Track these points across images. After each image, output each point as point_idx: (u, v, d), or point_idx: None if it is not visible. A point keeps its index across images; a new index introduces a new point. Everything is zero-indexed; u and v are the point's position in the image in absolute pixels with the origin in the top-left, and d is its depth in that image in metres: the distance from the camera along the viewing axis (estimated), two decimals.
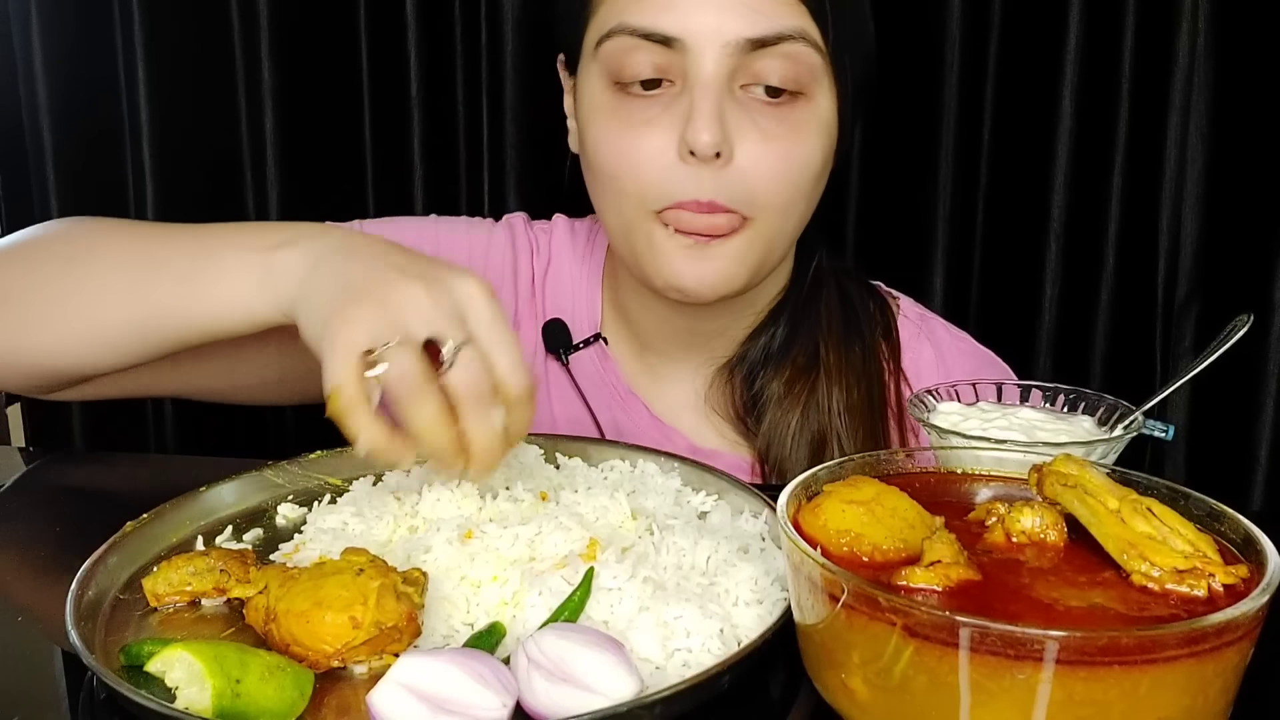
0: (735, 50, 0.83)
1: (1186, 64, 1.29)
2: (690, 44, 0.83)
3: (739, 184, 0.86)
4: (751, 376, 1.00)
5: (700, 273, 0.89)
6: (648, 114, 0.86)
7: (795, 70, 0.85)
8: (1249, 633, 0.46)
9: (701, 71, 0.83)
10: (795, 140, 0.87)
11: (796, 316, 1.01)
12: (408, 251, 0.73)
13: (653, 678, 0.58)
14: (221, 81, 1.49)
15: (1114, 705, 0.44)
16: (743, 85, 0.85)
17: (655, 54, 0.84)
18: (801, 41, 0.84)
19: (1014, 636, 0.44)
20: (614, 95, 0.88)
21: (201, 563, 0.66)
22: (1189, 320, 1.35)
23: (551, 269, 1.08)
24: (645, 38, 0.84)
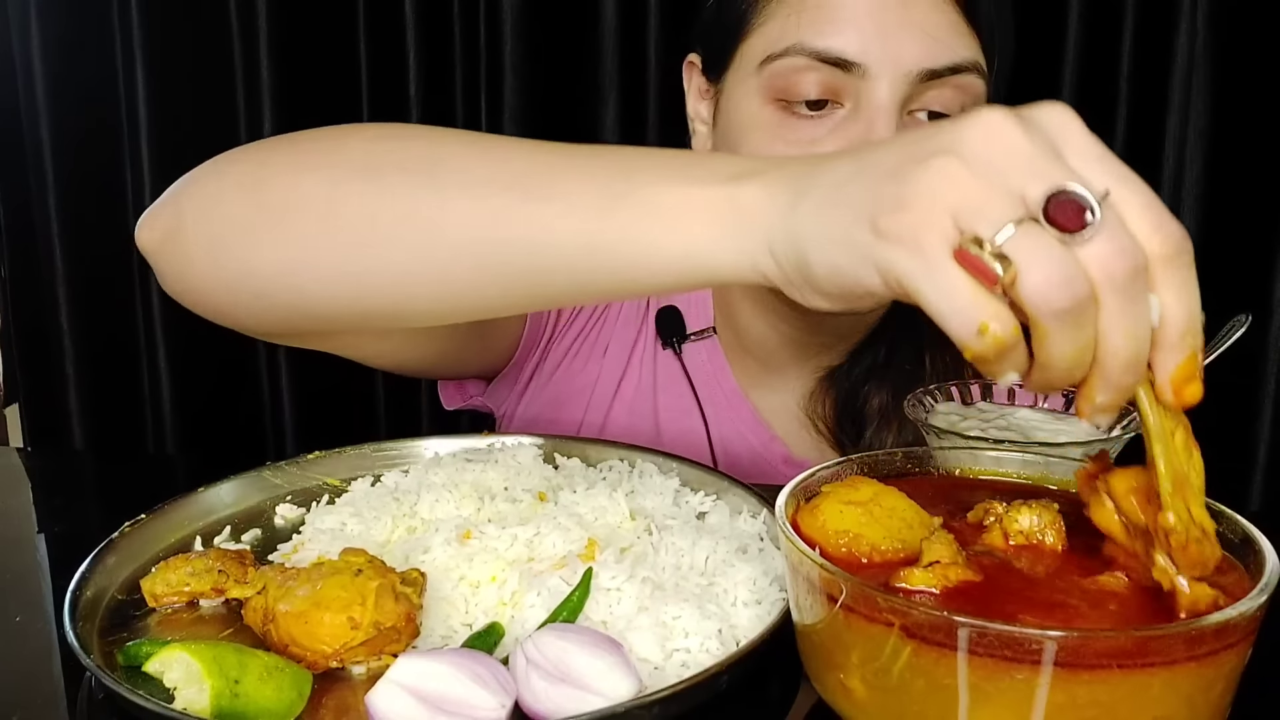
0: (913, 79, 0.82)
1: (1185, 64, 1.29)
2: (870, 69, 0.81)
3: None
4: (854, 391, 0.99)
5: None
6: (814, 134, 0.85)
7: (962, 100, 0.84)
8: (1247, 633, 0.46)
9: (878, 98, 0.82)
10: None
11: (902, 330, 0.99)
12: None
13: (651, 678, 0.58)
14: (220, 81, 1.49)
15: (1113, 705, 0.44)
16: (909, 110, 0.84)
17: (827, 75, 0.82)
18: (973, 73, 0.83)
19: (1011, 637, 0.44)
20: (776, 112, 0.85)
21: (200, 563, 0.66)
22: None
23: None
24: (822, 60, 0.82)
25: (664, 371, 1.02)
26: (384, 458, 0.86)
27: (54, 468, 1.05)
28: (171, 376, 1.57)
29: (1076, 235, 0.42)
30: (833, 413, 1.00)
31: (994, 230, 0.42)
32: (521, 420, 1.07)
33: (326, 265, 0.64)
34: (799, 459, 1.01)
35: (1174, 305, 0.44)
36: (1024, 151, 0.44)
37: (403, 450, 0.87)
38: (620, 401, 1.03)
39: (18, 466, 1.03)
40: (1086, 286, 0.43)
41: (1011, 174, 0.43)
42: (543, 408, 1.05)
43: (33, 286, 1.59)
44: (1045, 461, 0.63)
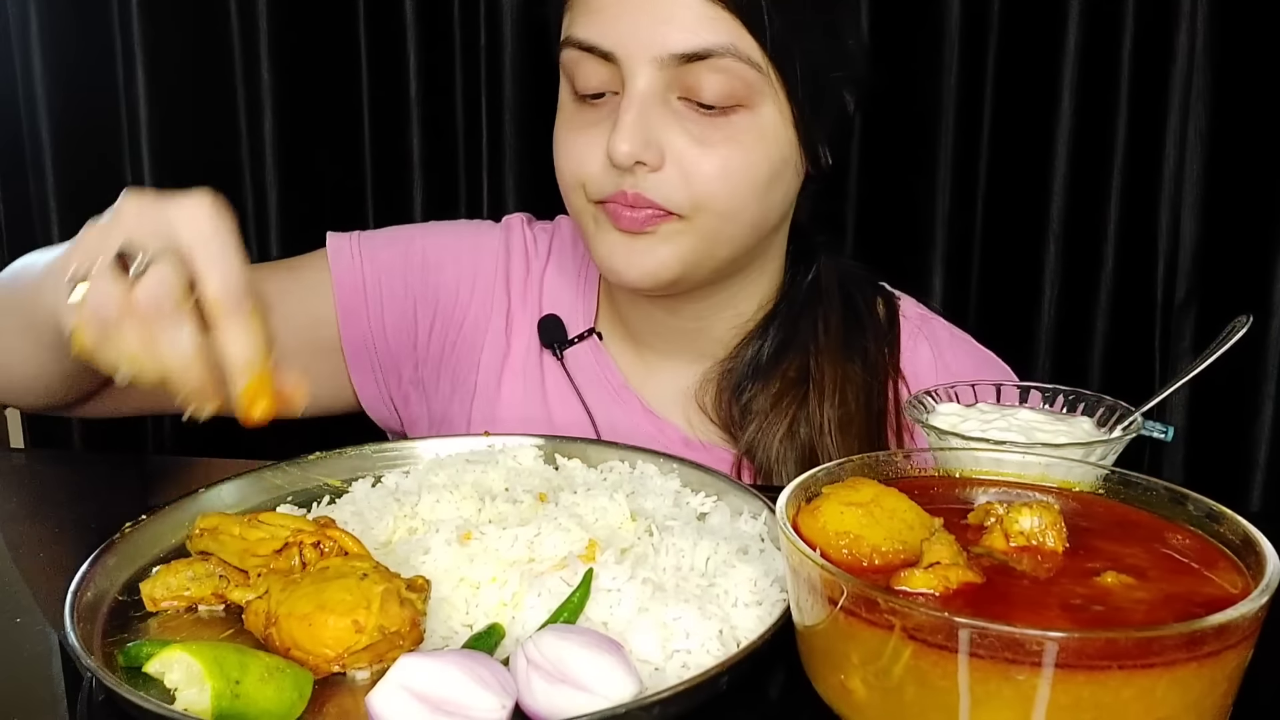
0: (666, 64, 0.86)
1: (1185, 65, 1.29)
2: (622, 57, 0.87)
3: (671, 186, 0.89)
4: (739, 387, 1.01)
5: (630, 261, 0.92)
6: (592, 119, 0.91)
7: (729, 84, 0.87)
8: (1248, 634, 0.46)
9: (633, 84, 0.87)
10: (733, 148, 0.89)
11: (788, 329, 1.02)
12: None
13: (652, 679, 0.58)
14: (221, 84, 1.49)
15: (1114, 707, 0.44)
16: (680, 96, 0.88)
17: (598, 67, 0.89)
18: (731, 57, 0.86)
19: (1012, 638, 0.44)
20: (571, 101, 0.94)
21: (200, 568, 0.66)
22: (1188, 321, 1.35)
23: (550, 267, 1.10)
24: (588, 51, 0.89)
25: (551, 378, 1.07)
26: (385, 458, 0.86)
27: (54, 469, 1.05)
28: None
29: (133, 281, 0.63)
30: (716, 403, 1.03)
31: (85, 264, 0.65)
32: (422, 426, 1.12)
33: None
34: (698, 441, 1.03)
35: (231, 344, 0.64)
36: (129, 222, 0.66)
37: (403, 451, 0.87)
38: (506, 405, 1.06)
39: (18, 467, 1.03)
40: (110, 307, 0.63)
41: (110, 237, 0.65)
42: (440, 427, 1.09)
43: None
44: (1045, 462, 0.63)
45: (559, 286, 1.09)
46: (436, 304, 1.07)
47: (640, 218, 0.90)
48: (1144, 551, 0.55)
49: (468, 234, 1.12)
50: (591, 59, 0.89)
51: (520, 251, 1.10)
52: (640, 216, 0.90)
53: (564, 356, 1.05)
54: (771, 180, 0.92)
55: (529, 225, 1.12)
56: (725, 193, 0.90)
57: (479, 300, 1.08)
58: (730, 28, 0.85)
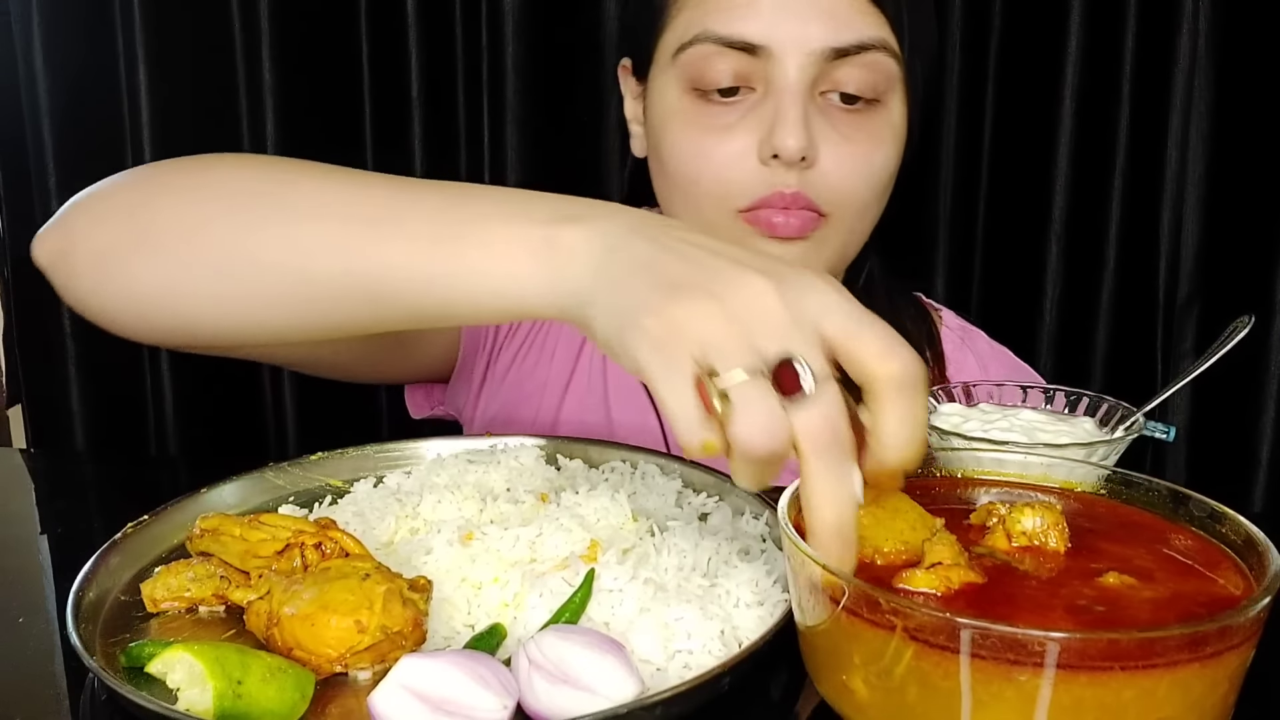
0: (818, 58, 0.84)
1: (1187, 65, 1.29)
2: (775, 51, 0.84)
3: (821, 184, 0.87)
4: None
5: None
6: (728, 119, 0.87)
7: (873, 79, 0.86)
8: (1250, 634, 0.46)
9: (786, 79, 0.85)
10: (873, 144, 0.89)
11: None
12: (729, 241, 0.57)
13: (653, 679, 0.58)
14: (222, 82, 1.49)
15: (1116, 708, 0.44)
16: (822, 92, 0.87)
17: (737, 61, 0.85)
18: (882, 51, 0.85)
19: (1014, 638, 0.44)
20: (692, 101, 0.88)
21: (201, 569, 0.66)
22: (1190, 321, 1.35)
23: None
24: (729, 45, 0.85)
25: (614, 368, 1.04)
26: (386, 459, 0.86)
27: (56, 469, 1.05)
28: (174, 378, 1.57)
29: (794, 398, 0.49)
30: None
31: (725, 370, 0.49)
32: (481, 422, 1.08)
33: (195, 289, 0.69)
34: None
35: (893, 428, 0.50)
36: (774, 315, 0.50)
37: (405, 451, 0.87)
38: (572, 399, 1.05)
39: (20, 468, 1.04)
40: (783, 443, 0.49)
41: (758, 332, 0.50)
42: (498, 410, 1.07)
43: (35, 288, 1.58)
44: (1047, 463, 0.63)
45: None
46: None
47: (797, 223, 0.87)
48: (1146, 552, 0.55)
49: None
50: (730, 54, 0.85)
51: None
52: (796, 222, 0.87)
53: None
54: (892, 177, 0.92)
55: None
56: (866, 189, 0.89)
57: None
58: (878, 21, 0.85)
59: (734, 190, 0.88)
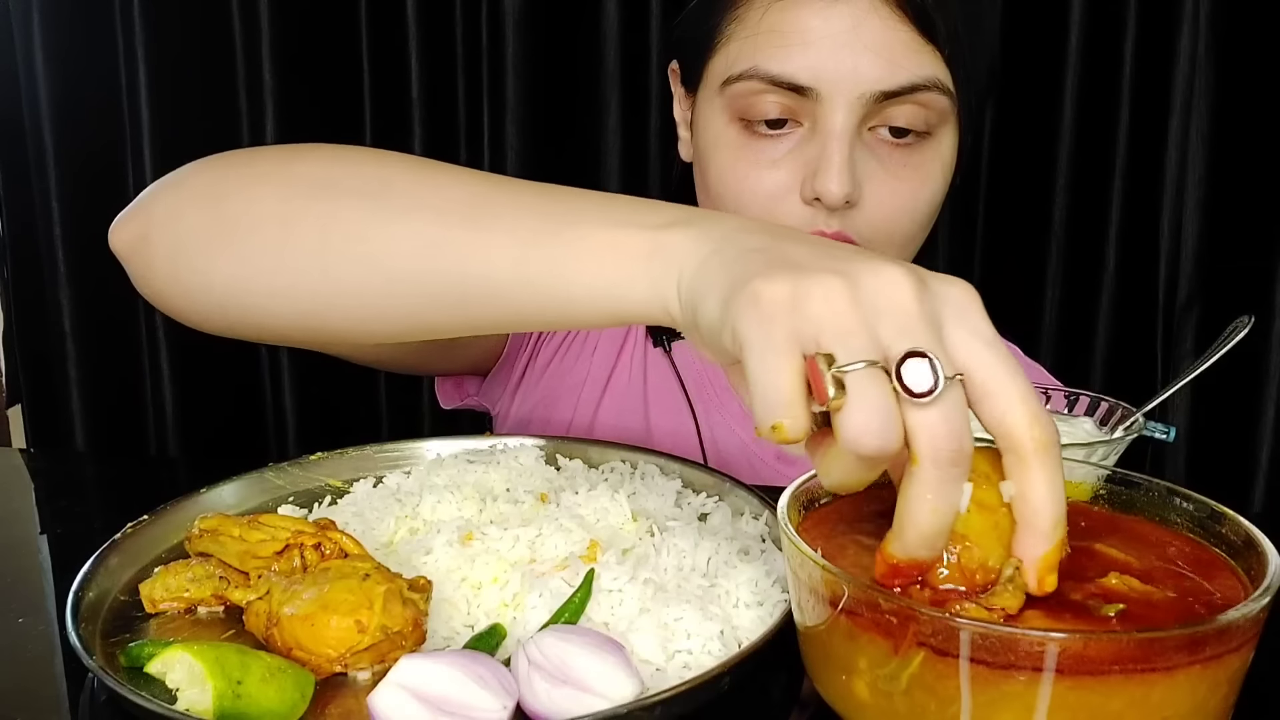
0: (868, 101, 0.82)
1: (1188, 66, 1.29)
2: (824, 94, 0.82)
3: (864, 222, 0.86)
4: None
5: None
6: (774, 154, 0.86)
7: (925, 116, 0.84)
8: (1250, 635, 0.46)
9: (833, 121, 0.83)
10: (920, 180, 0.87)
11: None
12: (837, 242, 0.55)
13: (653, 679, 0.58)
14: (223, 82, 1.49)
15: (1118, 710, 0.44)
16: (871, 127, 0.85)
17: (783, 97, 0.84)
18: (934, 90, 0.83)
19: (1014, 639, 0.44)
20: (739, 132, 0.87)
21: (200, 570, 0.66)
22: (1190, 322, 1.35)
23: None
24: (776, 84, 0.83)
25: (655, 370, 1.03)
26: (386, 459, 0.86)
27: (56, 469, 1.05)
28: (174, 378, 1.57)
29: (916, 399, 0.44)
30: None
31: (846, 358, 0.45)
32: (515, 419, 1.07)
33: (279, 283, 0.66)
34: (792, 456, 1.01)
35: (1045, 494, 0.46)
36: (907, 310, 0.46)
37: (405, 451, 0.87)
38: (610, 399, 1.04)
39: (20, 468, 1.04)
40: (897, 444, 0.45)
41: (886, 322, 0.46)
42: (535, 406, 1.06)
43: (36, 288, 1.59)
44: None
45: None
46: None
47: None
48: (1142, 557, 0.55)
49: None
50: (778, 91, 0.83)
51: None
52: None
53: (672, 350, 1.02)
54: (939, 208, 0.90)
55: None
56: (911, 224, 0.88)
57: None
58: (933, 60, 0.82)
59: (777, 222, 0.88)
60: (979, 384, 0.46)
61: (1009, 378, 0.46)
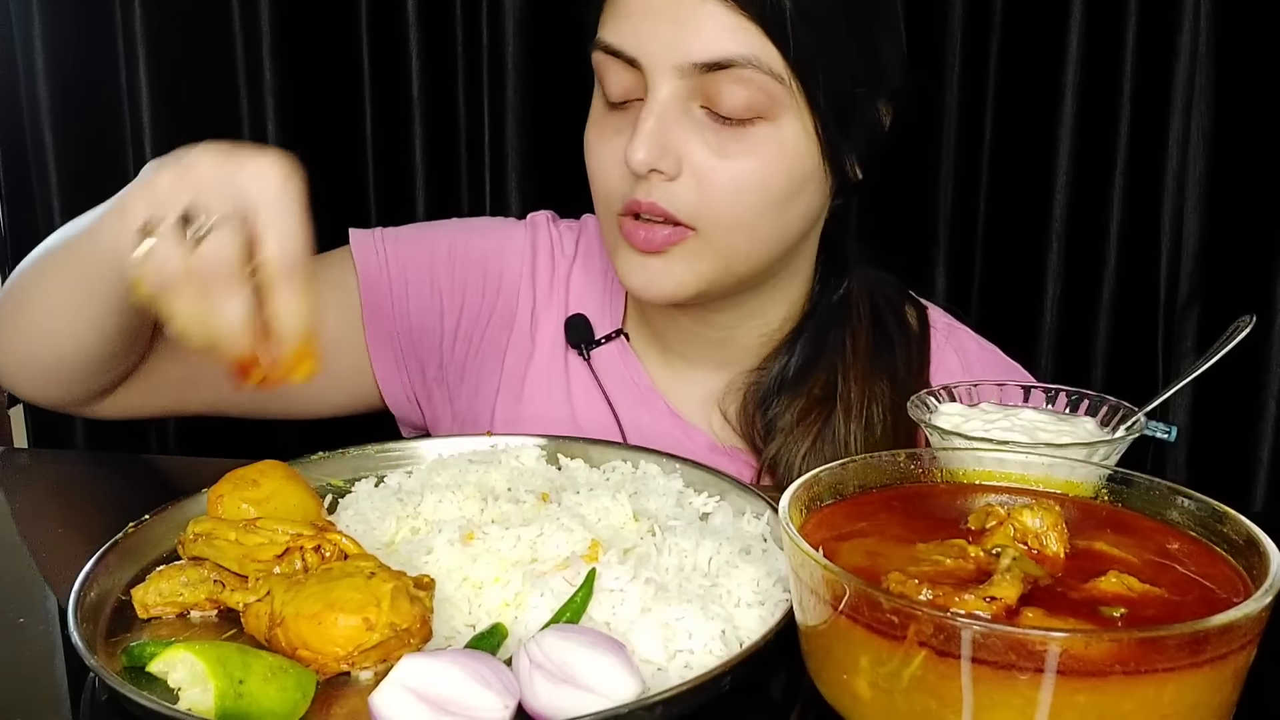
0: (688, 73, 0.85)
1: (1188, 64, 1.29)
2: (645, 64, 0.87)
3: (685, 195, 0.88)
4: (764, 401, 1.00)
5: (649, 280, 0.92)
6: (618, 124, 0.91)
7: (750, 95, 0.85)
8: (1252, 635, 0.46)
9: (655, 92, 0.87)
10: (751, 160, 0.88)
11: (815, 344, 1.01)
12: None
13: (654, 679, 0.58)
14: (223, 82, 1.49)
15: (1118, 708, 0.44)
16: (702, 105, 0.87)
17: (624, 72, 0.88)
18: (753, 68, 0.84)
19: (1014, 638, 0.44)
20: (602, 104, 0.94)
21: (194, 573, 0.66)
22: (1191, 321, 1.35)
23: (576, 266, 1.09)
24: (614, 55, 0.88)
25: (576, 378, 1.05)
26: (387, 459, 0.86)
27: (57, 470, 1.05)
28: None
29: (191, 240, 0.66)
30: (740, 414, 1.02)
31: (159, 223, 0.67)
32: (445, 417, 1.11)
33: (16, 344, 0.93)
34: (725, 447, 1.02)
35: (284, 309, 0.66)
36: (204, 180, 0.69)
37: (406, 451, 0.87)
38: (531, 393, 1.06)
39: (21, 467, 1.04)
40: (173, 275, 0.66)
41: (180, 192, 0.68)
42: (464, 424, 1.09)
43: None
44: (1048, 462, 0.63)
45: (585, 286, 1.08)
46: (463, 301, 1.07)
47: (656, 239, 0.89)
48: (1142, 555, 0.55)
49: (494, 231, 1.11)
50: (618, 64, 0.88)
51: (546, 249, 1.09)
52: (655, 238, 0.89)
53: (590, 357, 1.04)
54: (790, 194, 0.90)
55: (554, 223, 1.12)
56: (737, 204, 0.88)
57: (505, 298, 1.07)
58: (753, 38, 0.84)
59: (610, 194, 0.92)
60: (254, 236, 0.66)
61: (268, 224, 0.66)
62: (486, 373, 1.07)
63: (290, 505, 0.71)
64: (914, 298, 1.09)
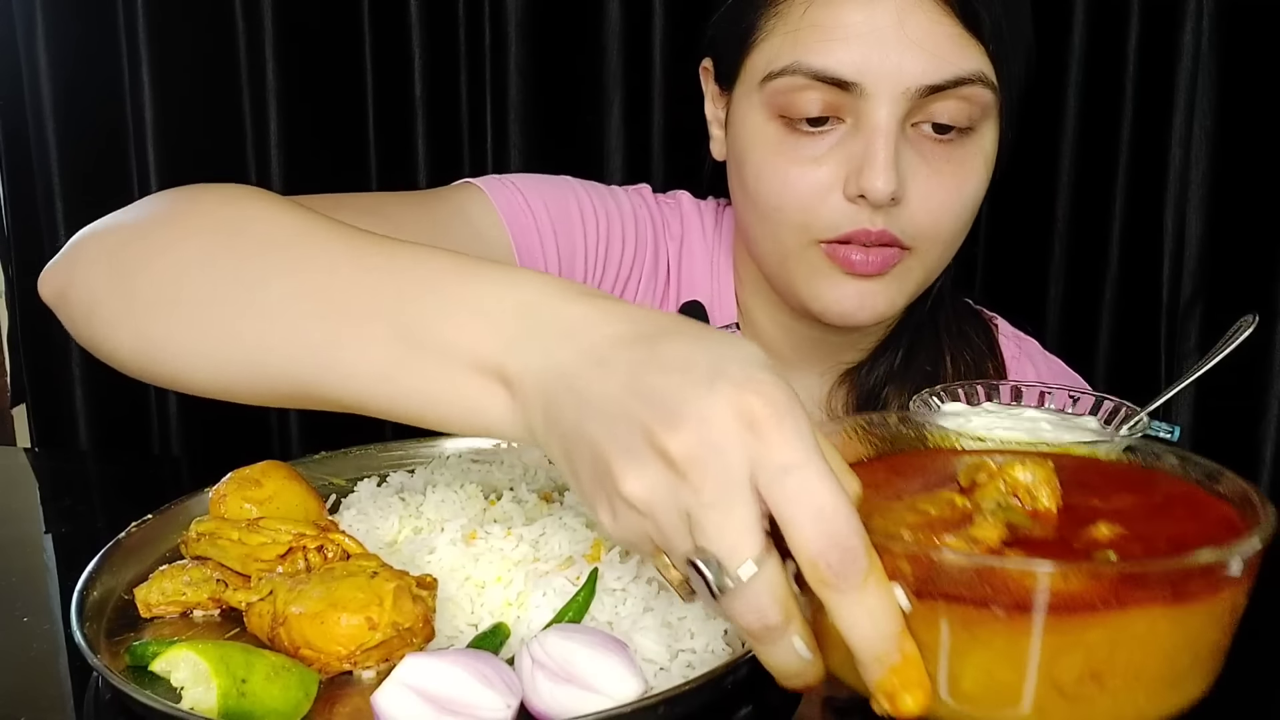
0: (912, 96, 0.82)
1: (1191, 63, 1.29)
2: (868, 89, 0.82)
3: (907, 219, 0.86)
4: (873, 393, 0.99)
5: (864, 304, 0.89)
6: (816, 151, 0.85)
7: (969, 110, 0.84)
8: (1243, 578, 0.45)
9: (877, 116, 0.82)
10: (963, 175, 0.87)
11: (921, 332, 1.00)
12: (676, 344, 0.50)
13: (656, 678, 0.58)
14: (226, 82, 1.49)
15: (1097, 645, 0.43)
16: (914, 123, 0.85)
17: (828, 93, 0.83)
18: (979, 84, 0.83)
19: (989, 569, 0.43)
20: (779, 129, 0.86)
21: (197, 573, 0.66)
22: (1193, 320, 1.35)
23: (685, 248, 1.05)
24: (820, 79, 0.83)
25: None
26: (390, 458, 0.86)
27: (61, 468, 1.05)
28: None
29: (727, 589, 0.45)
30: (848, 408, 1.00)
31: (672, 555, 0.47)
32: None
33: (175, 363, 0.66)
34: None
35: (851, 624, 0.44)
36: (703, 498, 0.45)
37: (408, 451, 0.87)
38: None
39: (25, 467, 1.04)
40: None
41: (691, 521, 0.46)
42: None
43: None
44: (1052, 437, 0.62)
45: (697, 271, 1.04)
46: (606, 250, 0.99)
47: (876, 260, 0.86)
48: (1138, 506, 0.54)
49: (619, 194, 1.04)
50: (821, 87, 0.82)
51: (660, 226, 1.04)
52: (876, 260, 0.86)
53: None
54: (980, 203, 0.90)
55: (657, 199, 1.07)
56: (953, 221, 0.87)
57: (645, 259, 1.01)
58: (977, 54, 0.82)
59: (818, 223, 0.86)
60: (780, 520, 0.45)
61: (799, 504, 0.44)
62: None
63: (292, 505, 0.71)
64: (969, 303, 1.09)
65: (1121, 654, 0.44)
